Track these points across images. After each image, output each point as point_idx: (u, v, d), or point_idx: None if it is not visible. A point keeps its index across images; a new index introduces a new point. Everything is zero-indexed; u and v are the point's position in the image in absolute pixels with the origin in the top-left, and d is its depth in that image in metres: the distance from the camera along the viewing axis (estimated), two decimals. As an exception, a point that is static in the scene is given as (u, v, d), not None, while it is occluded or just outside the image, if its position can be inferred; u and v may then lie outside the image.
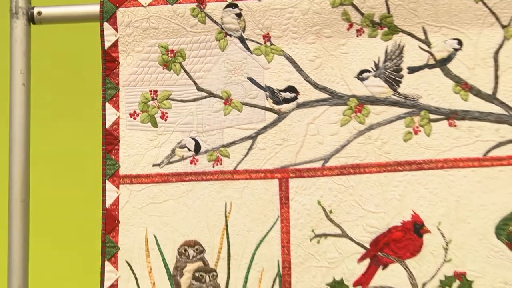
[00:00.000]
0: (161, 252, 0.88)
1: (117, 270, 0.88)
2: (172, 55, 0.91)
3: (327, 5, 0.87)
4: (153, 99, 0.91)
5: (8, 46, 0.93)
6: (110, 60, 0.91)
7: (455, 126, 0.86)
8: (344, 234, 0.86)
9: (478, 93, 0.86)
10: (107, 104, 0.91)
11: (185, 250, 0.87)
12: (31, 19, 0.93)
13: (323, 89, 0.88)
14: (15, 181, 0.88)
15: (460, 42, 0.87)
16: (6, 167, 0.90)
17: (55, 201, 1.30)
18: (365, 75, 0.88)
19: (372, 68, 0.88)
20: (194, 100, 0.91)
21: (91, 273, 0.96)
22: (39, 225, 0.99)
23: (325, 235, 0.86)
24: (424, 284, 0.85)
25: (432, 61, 0.87)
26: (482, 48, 0.86)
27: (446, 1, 0.86)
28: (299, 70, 0.89)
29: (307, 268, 0.86)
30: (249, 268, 0.87)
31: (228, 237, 0.88)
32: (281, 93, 0.89)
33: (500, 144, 0.85)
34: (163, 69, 0.91)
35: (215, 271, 0.88)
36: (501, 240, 0.84)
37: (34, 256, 0.91)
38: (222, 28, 0.90)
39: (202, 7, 0.89)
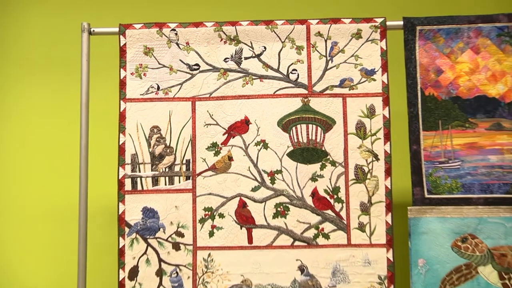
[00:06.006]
0: (143, 130, 1.95)
1: (124, 136, 1.96)
2: (148, 49, 1.99)
3: (212, 31, 1.97)
4: (140, 67, 1.98)
5: (80, 46, 1.96)
6: (122, 51, 1.98)
7: (262, 81, 1.97)
8: (217, 124, 1.96)
9: (272, 68, 1.97)
10: (121, 70, 1.98)
11: (153, 129, 1.95)
12: (90, 33, 1.97)
13: (210, 65, 1.98)
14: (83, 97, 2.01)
15: (265, 48, 1.98)
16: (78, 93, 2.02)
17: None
18: (226, 59, 1.97)
19: (230, 56, 1.98)
20: (157, 68, 1.97)
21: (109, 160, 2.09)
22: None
23: (210, 124, 1.96)
24: (249, 144, 1.96)
25: (254, 55, 1.99)
26: (274, 50, 1.97)
27: (260, 31, 1.96)
28: (200, 57, 1.98)
29: (203, 138, 1.95)
30: (178, 137, 1.95)
31: (170, 124, 1.95)
32: (193, 66, 1.98)
33: (281, 89, 1.97)
34: (145, 55, 1.98)
35: (165, 138, 1.96)
36: (280, 127, 1.95)
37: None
38: (169, 39, 1.98)
39: (161, 30, 2.00)
